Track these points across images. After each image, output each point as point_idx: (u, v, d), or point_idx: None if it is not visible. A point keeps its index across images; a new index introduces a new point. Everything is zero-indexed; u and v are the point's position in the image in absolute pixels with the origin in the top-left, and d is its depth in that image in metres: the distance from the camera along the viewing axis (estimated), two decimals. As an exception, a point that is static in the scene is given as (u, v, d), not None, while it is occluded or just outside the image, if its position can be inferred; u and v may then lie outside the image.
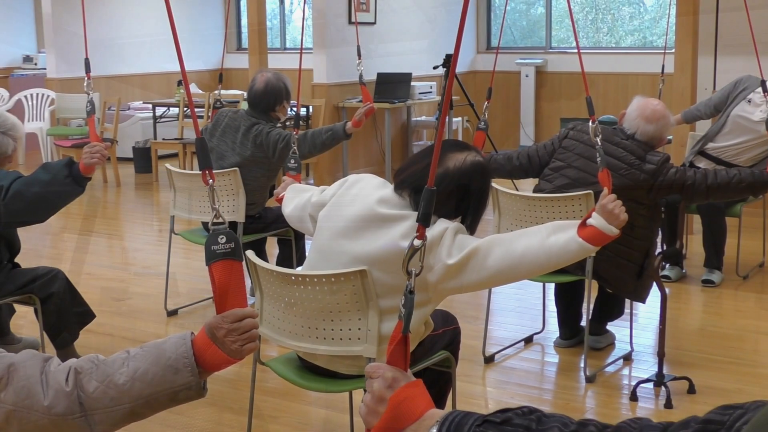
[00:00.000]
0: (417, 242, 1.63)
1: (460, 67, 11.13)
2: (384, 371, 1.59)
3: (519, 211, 4.37)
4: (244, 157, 5.15)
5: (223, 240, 1.99)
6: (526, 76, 11.22)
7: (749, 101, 5.75)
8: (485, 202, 2.99)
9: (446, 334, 3.31)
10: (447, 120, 9.62)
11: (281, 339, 3.11)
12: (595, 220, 2.83)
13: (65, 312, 4.33)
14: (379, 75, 9.89)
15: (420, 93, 10.06)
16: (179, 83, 11.25)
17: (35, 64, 12.37)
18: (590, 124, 3.20)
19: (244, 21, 13.33)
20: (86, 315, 4.48)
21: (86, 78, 4.07)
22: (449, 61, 9.17)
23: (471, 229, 2.94)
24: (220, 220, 2.02)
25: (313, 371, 3.19)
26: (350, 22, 9.71)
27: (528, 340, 4.90)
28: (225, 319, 1.92)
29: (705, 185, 4.35)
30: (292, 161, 3.85)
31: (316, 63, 9.69)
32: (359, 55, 5.10)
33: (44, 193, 3.79)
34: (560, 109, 10.98)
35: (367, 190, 2.99)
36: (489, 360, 4.60)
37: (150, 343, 1.93)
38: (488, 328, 4.68)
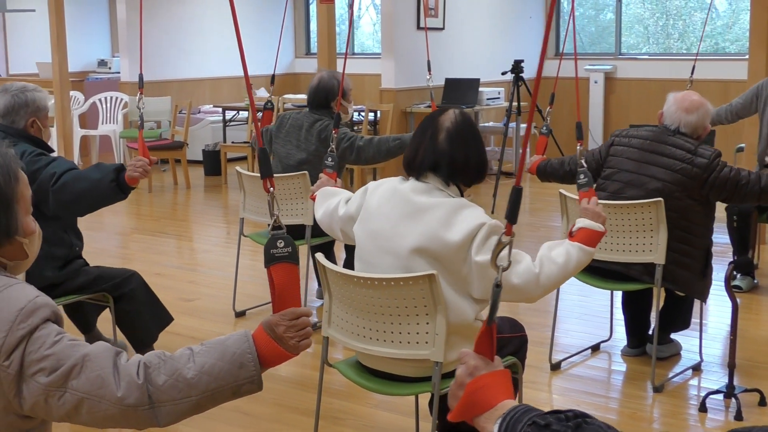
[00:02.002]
0: (505, 238, 1.70)
1: (528, 73, 11.08)
2: (468, 359, 1.65)
3: (587, 218, 4.33)
4: (309, 153, 5.23)
5: (282, 244, 2.11)
6: (595, 82, 11.13)
7: None
8: (483, 145, 3.17)
9: (514, 340, 3.31)
10: (515, 125, 9.58)
11: (349, 341, 3.13)
12: (581, 222, 3.09)
13: (140, 313, 4.39)
14: (447, 80, 9.90)
15: (488, 98, 10.04)
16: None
17: (109, 68, 12.61)
18: (578, 147, 3.54)
19: (313, 26, 13.44)
20: (164, 318, 4.53)
21: (139, 93, 4.20)
22: (517, 67, 9.13)
23: (481, 174, 3.13)
24: (279, 225, 2.13)
25: (377, 374, 3.20)
26: (418, 28, 9.74)
27: (595, 348, 4.86)
28: (284, 316, 2.03)
29: (759, 186, 4.29)
30: (329, 159, 3.85)
31: (385, 68, 9.73)
32: (429, 69, 5.16)
33: (89, 190, 3.94)
34: (629, 116, 10.86)
35: (393, 186, 3.10)
36: (555, 367, 4.57)
37: (211, 340, 2.02)
38: (555, 335, 4.66)
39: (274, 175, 5.16)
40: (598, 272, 4.43)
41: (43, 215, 3.95)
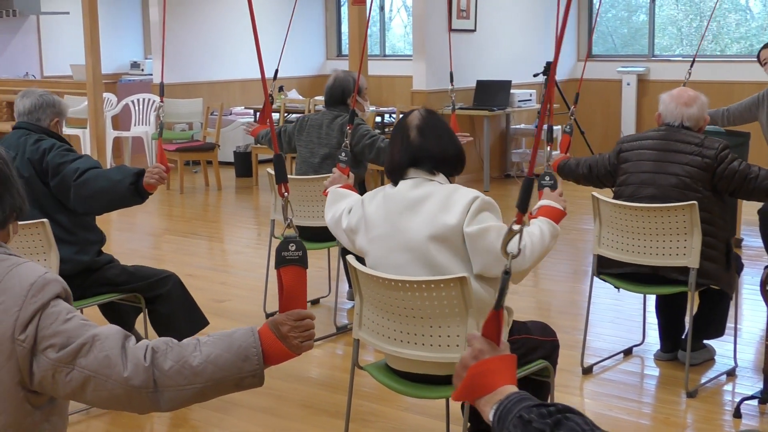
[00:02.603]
0: (515, 226, 1.71)
1: (560, 75, 11.03)
2: (474, 342, 1.70)
3: (619, 221, 4.30)
4: (332, 147, 5.27)
5: (293, 248, 2.19)
6: (628, 84, 11.05)
7: None
8: (455, 136, 3.27)
9: (545, 344, 3.29)
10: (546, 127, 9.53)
11: (379, 343, 3.12)
12: (542, 201, 3.30)
13: (175, 315, 4.34)
14: (479, 82, 9.87)
15: (519, 100, 9.99)
16: (280, 89, 11.41)
17: (142, 69, 12.70)
18: (547, 149, 3.79)
19: (344, 28, 13.46)
20: (199, 321, 4.47)
21: (160, 101, 4.44)
22: (549, 69, 9.10)
23: (461, 163, 3.23)
24: (293, 230, 2.22)
25: (408, 377, 3.19)
26: (450, 29, 9.72)
27: (627, 352, 4.82)
28: (289, 317, 2.10)
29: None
30: (343, 154, 3.97)
31: (416, 70, 9.72)
32: (452, 80, 5.25)
33: (108, 190, 4.03)
34: (662, 118, 10.76)
35: (385, 192, 3.19)
36: (587, 371, 4.54)
37: (218, 332, 2.08)
38: (586, 339, 4.62)
39: (299, 177, 5.23)
40: (630, 277, 4.39)
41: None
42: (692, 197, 4.21)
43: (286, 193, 2.24)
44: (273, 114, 10.96)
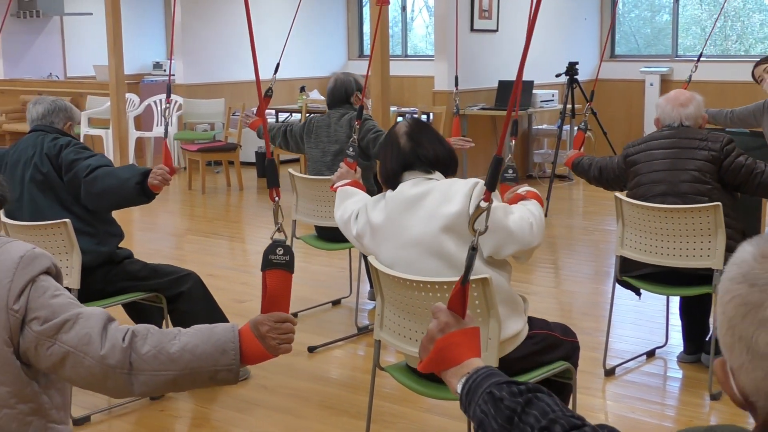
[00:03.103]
0: (483, 204, 1.78)
1: (583, 75, 10.97)
2: (440, 314, 1.74)
3: (643, 222, 4.27)
4: (342, 142, 5.32)
5: (281, 252, 2.24)
6: (651, 84, 10.98)
7: None
8: (443, 139, 3.36)
9: (566, 343, 3.27)
10: (568, 128, 9.50)
11: (401, 344, 3.11)
12: (525, 187, 3.36)
13: (196, 315, 4.26)
14: (500, 82, 9.84)
15: (542, 101, 9.96)
16: (302, 89, 11.42)
17: (164, 70, 12.73)
18: (510, 143, 3.72)
19: (366, 28, 13.45)
20: (220, 321, 4.44)
21: (166, 103, 4.48)
22: (572, 69, 9.05)
23: (454, 164, 3.30)
24: (282, 235, 2.26)
25: (429, 377, 3.18)
26: (472, 29, 9.70)
27: (650, 354, 4.79)
28: (270, 318, 2.15)
29: None
30: (351, 149, 4.03)
31: (438, 70, 9.70)
32: (456, 84, 5.32)
33: (115, 188, 4.08)
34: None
35: (387, 196, 3.22)
36: (610, 373, 4.51)
37: (200, 325, 2.14)
38: (609, 341, 4.59)
39: (315, 177, 5.23)
40: (652, 277, 4.37)
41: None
42: (703, 190, 4.24)
43: (277, 198, 2.30)
44: (295, 114, 10.98)
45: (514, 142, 4.17)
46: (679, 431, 1.32)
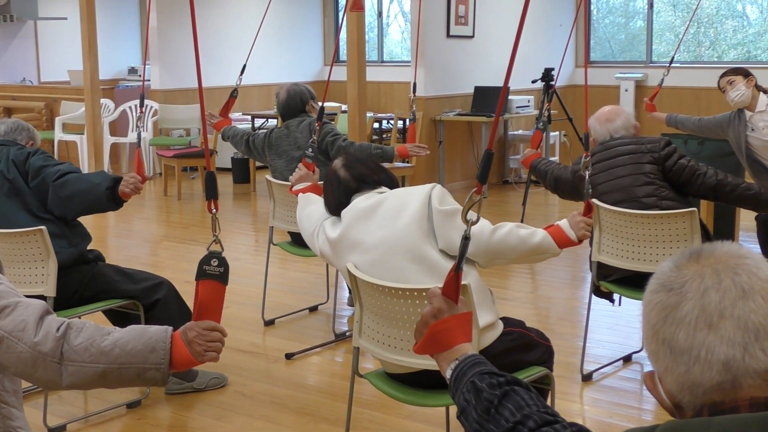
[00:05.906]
0: (476, 196, 1.83)
1: (559, 82, 11.03)
2: (434, 300, 1.83)
3: (620, 228, 4.29)
4: (304, 147, 5.30)
5: (215, 263, 2.31)
6: (626, 90, 11.06)
7: (752, 128, 5.66)
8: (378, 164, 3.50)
9: (541, 346, 3.29)
10: (545, 134, 9.53)
11: (380, 351, 3.11)
12: (561, 222, 3.22)
13: (173, 322, 4.30)
14: (477, 88, 9.87)
15: (518, 107, 10.00)
16: (278, 95, 11.39)
17: (140, 75, 12.69)
18: (582, 158, 3.52)
19: (342, 34, 13.44)
20: None
21: (139, 112, 4.55)
22: (548, 75, 9.09)
23: (394, 184, 3.40)
24: (218, 246, 2.34)
25: (408, 384, 3.18)
26: (448, 35, 9.72)
27: (627, 359, 4.81)
28: (198, 324, 2.21)
29: (716, 179, 4.36)
30: (310, 150, 4.10)
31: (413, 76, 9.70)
32: (414, 91, 5.39)
33: (85, 192, 4.11)
34: (660, 124, 10.76)
35: (342, 214, 3.26)
36: (587, 378, 4.52)
37: (137, 325, 2.22)
38: (586, 346, 4.61)
39: (286, 183, 5.23)
40: (629, 281, 4.39)
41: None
42: (651, 181, 4.30)
43: (214, 210, 2.36)
44: (272, 120, 10.95)
45: (587, 157, 3.81)
46: (625, 431, 1.41)
